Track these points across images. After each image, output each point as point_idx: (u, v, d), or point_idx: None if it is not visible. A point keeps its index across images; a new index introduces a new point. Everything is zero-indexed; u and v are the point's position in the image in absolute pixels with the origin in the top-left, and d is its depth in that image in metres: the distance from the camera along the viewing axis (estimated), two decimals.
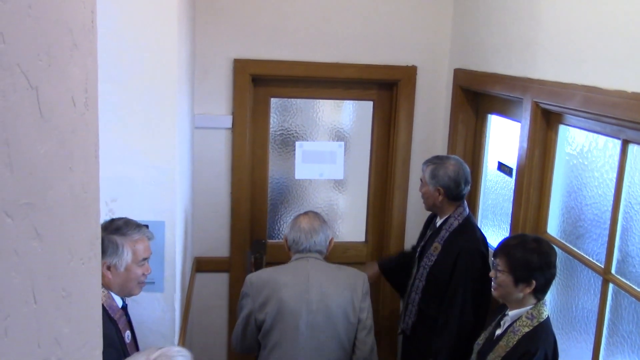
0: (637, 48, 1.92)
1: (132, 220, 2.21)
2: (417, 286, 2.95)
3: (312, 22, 3.55)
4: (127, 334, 2.18)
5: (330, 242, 2.77)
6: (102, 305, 1.96)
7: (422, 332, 2.94)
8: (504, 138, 3.21)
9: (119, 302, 2.15)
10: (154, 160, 2.46)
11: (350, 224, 4.05)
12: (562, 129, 2.58)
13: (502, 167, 3.19)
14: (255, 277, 2.66)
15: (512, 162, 3.05)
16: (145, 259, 2.17)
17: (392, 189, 3.82)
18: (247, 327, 2.63)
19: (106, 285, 2.09)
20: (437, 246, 2.87)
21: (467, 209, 2.90)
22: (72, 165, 0.83)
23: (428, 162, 2.94)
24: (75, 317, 0.85)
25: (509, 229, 2.80)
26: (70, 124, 0.82)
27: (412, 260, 3.12)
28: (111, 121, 2.38)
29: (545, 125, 2.61)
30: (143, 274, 2.17)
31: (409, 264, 3.14)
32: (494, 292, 2.33)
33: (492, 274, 2.33)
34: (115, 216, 2.47)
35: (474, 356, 2.44)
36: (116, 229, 2.15)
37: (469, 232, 2.84)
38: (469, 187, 2.89)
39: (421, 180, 2.97)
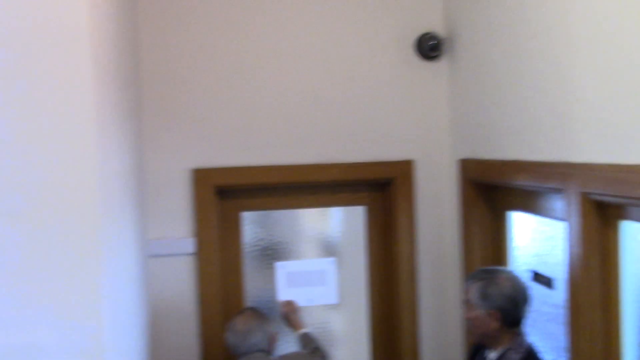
0: None
1: None
2: None
3: (285, 119, 2.97)
4: None
5: (272, 338, 2.66)
6: None
7: None
8: (535, 240, 2.57)
9: None
10: (72, 320, 1.75)
11: (351, 356, 3.30)
12: (627, 226, 1.93)
13: (538, 278, 2.52)
14: None
15: (550, 271, 2.40)
16: None
17: (398, 311, 3.11)
18: None
19: None
20: None
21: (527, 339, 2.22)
22: None
23: (473, 277, 2.31)
24: None
25: None
26: None
27: None
28: (6, 267, 1.70)
29: (600, 223, 1.96)
30: None
31: None
32: None
33: None
34: None
35: None
36: None
37: None
38: (528, 308, 2.22)
39: (466, 302, 2.30)
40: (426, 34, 3.00)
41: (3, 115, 1.67)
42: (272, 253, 3.20)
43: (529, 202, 2.51)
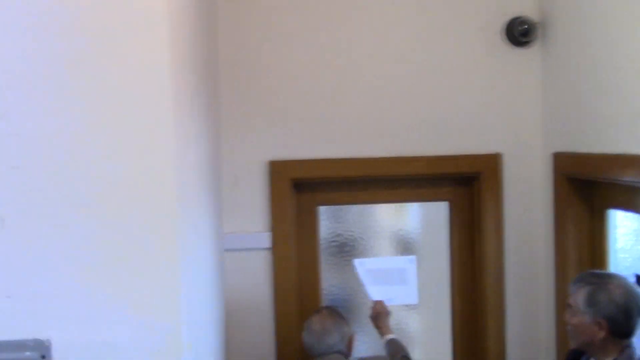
0: None
1: None
2: None
3: (365, 110, 2.83)
4: None
5: (349, 339, 2.57)
6: None
7: None
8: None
9: None
10: (149, 317, 1.68)
11: None
12: None
13: None
14: None
15: None
16: None
17: (483, 313, 2.93)
18: None
19: None
20: None
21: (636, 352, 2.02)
22: None
23: (581, 280, 2.11)
24: None
25: None
26: None
27: None
28: (82, 263, 1.65)
29: None
30: None
31: None
32: None
33: None
34: None
35: None
36: None
37: None
38: None
39: (570, 305, 2.11)
40: (517, 18, 2.79)
41: (78, 105, 1.62)
42: (349, 249, 3.08)
43: (635, 200, 2.29)
